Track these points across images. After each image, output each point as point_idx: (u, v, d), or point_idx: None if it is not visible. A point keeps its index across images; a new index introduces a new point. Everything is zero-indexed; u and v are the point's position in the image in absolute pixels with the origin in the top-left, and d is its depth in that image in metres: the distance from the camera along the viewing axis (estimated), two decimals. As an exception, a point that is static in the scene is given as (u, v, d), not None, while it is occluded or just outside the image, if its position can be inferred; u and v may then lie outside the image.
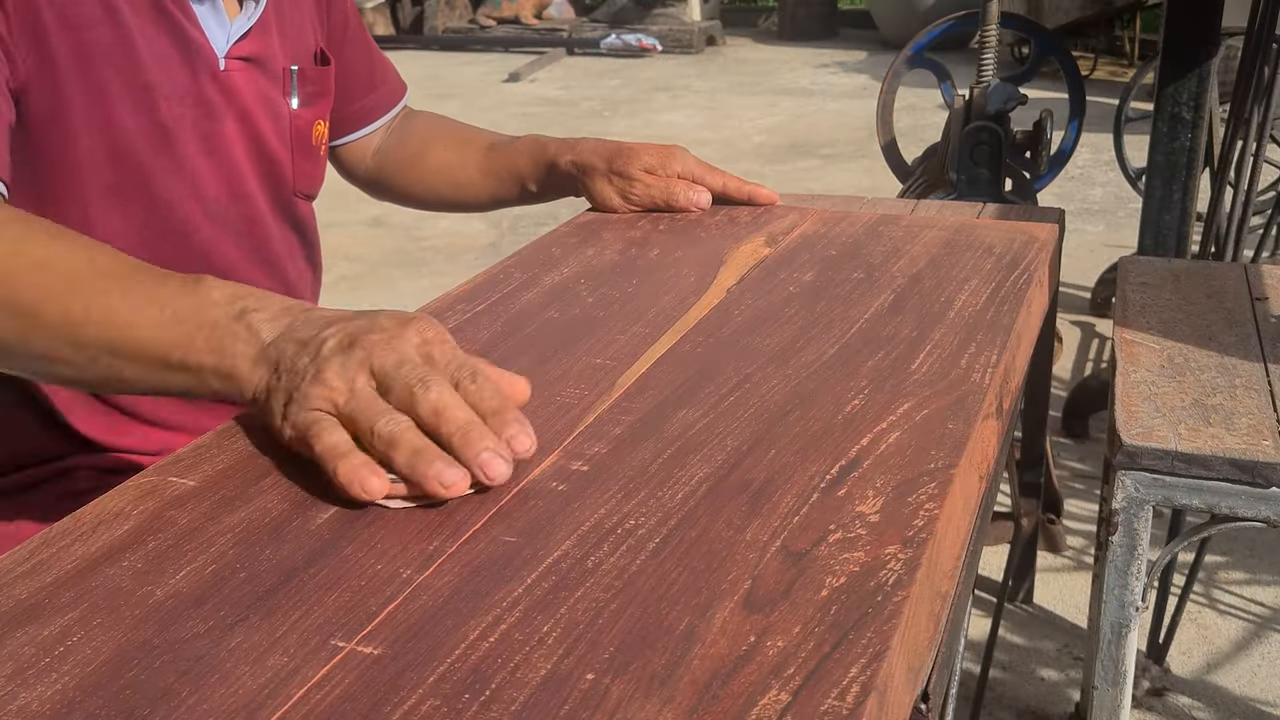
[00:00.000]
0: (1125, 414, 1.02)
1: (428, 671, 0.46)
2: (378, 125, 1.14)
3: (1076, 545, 1.91)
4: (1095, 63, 6.38)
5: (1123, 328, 1.19)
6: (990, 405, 0.70)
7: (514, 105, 5.97)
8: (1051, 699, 1.58)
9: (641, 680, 0.45)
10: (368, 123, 1.13)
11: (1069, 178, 4.15)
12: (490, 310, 0.85)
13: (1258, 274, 1.33)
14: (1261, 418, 1.00)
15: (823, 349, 0.77)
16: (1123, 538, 1.02)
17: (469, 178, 1.15)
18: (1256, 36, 1.86)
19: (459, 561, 0.53)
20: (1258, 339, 1.16)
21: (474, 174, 1.14)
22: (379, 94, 1.13)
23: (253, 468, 0.62)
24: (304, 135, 0.96)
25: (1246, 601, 1.77)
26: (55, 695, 0.45)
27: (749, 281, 0.90)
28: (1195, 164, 2.07)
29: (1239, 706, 1.54)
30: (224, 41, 0.87)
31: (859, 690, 0.44)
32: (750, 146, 4.97)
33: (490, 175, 1.14)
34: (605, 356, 0.76)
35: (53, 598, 0.51)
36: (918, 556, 0.53)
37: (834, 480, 0.60)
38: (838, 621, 0.48)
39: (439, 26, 8.37)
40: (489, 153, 1.14)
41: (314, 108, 0.97)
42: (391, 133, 1.16)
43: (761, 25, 8.70)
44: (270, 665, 0.46)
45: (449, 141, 1.16)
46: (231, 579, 0.52)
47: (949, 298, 0.86)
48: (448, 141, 1.16)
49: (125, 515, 0.58)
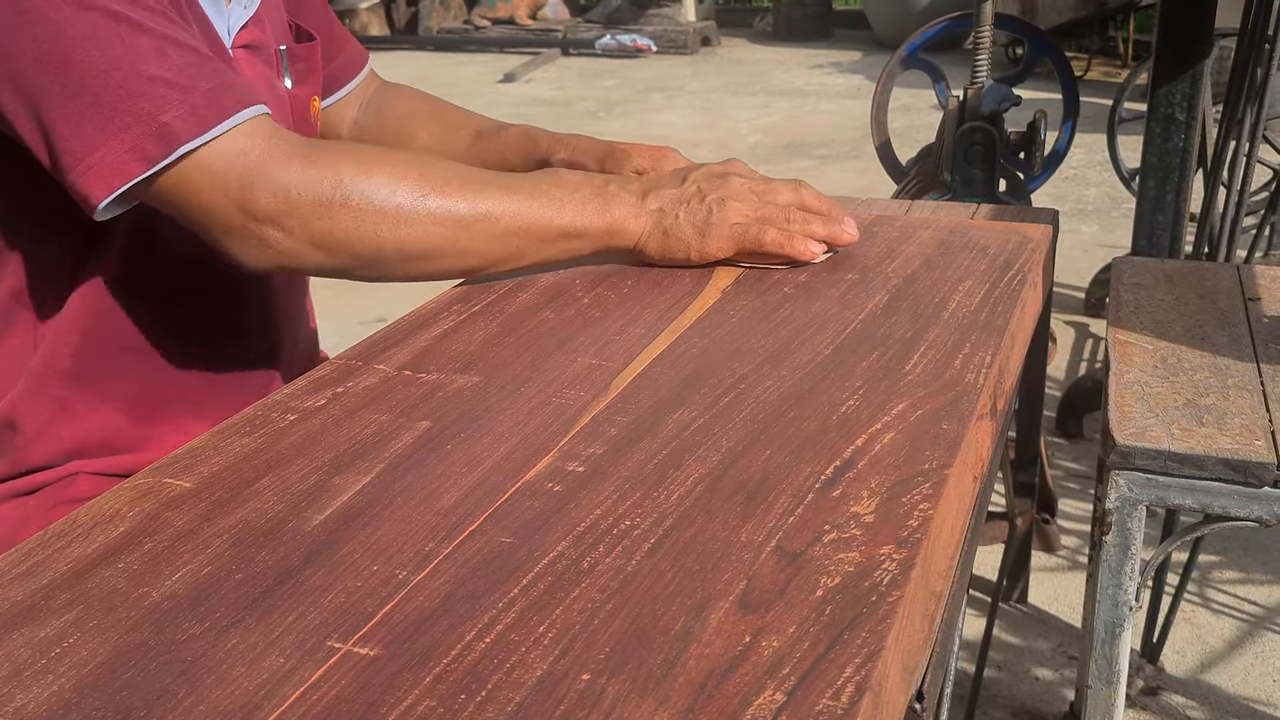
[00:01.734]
0: (1119, 414, 1.02)
1: (424, 672, 0.46)
2: (346, 91, 1.13)
3: (1071, 545, 1.91)
4: (1089, 63, 6.39)
5: (1116, 328, 1.19)
6: (984, 405, 0.70)
7: (509, 106, 5.97)
8: (1046, 698, 1.58)
9: (637, 680, 0.45)
10: (335, 90, 1.12)
11: (1063, 178, 4.15)
12: (486, 311, 0.85)
13: (1250, 274, 1.34)
14: (1254, 418, 1.01)
15: (818, 350, 0.77)
16: (1116, 537, 1.02)
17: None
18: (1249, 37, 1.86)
19: (455, 562, 0.53)
20: (1250, 339, 1.16)
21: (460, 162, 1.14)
22: (341, 59, 1.12)
23: (248, 469, 0.63)
24: (303, 113, 0.97)
25: (1240, 601, 1.77)
26: (52, 697, 0.45)
27: (744, 282, 0.90)
28: (1189, 164, 2.07)
29: (1232, 705, 1.55)
30: (226, 33, 0.88)
31: (854, 690, 0.44)
32: (745, 147, 4.97)
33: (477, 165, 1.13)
34: (601, 357, 0.77)
35: (49, 599, 0.52)
36: (912, 556, 0.53)
37: (829, 480, 0.60)
38: (832, 621, 0.48)
39: (434, 27, 8.37)
40: (476, 141, 1.12)
41: (307, 85, 0.98)
42: (368, 106, 1.15)
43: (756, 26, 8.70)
44: (267, 666, 0.47)
45: (432, 124, 1.15)
46: (228, 580, 0.52)
47: (943, 298, 0.86)
48: (430, 124, 1.15)
49: (121, 517, 0.58)
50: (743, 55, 7.67)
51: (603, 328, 0.82)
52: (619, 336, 0.80)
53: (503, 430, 0.66)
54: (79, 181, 0.74)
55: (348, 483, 0.61)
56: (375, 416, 0.69)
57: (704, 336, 0.80)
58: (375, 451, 0.64)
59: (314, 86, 0.99)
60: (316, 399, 0.71)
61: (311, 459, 0.64)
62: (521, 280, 0.92)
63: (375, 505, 0.59)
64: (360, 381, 0.74)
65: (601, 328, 0.82)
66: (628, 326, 0.82)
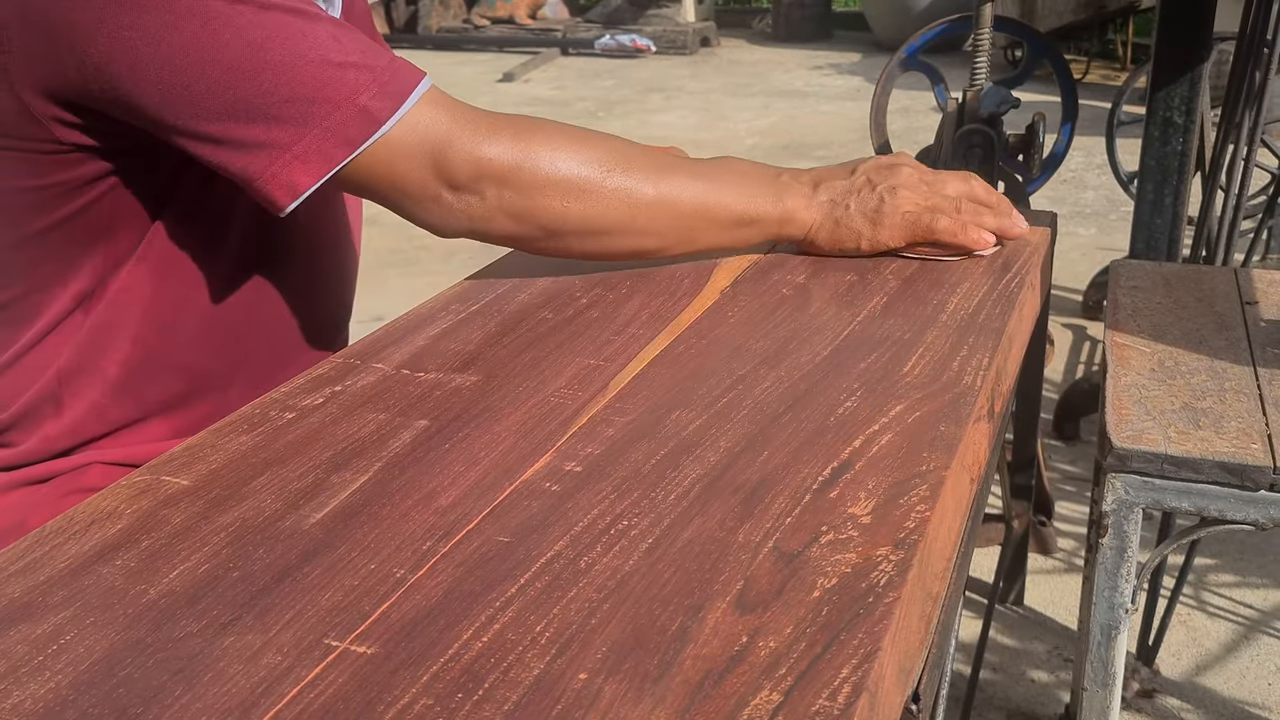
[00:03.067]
0: (1116, 417, 1.02)
1: (421, 671, 0.46)
2: None
3: (1067, 547, 1.91)
4: (1088, 66, 6.40)
5: (1114, 331, 1.20)
6: (982, 408, 0.70)
7: (508, 105, 5.97)
8: (1042, 700, 1.58)
9: (634, 680, 0.45)
10: None
11: (1061, 181, 4.16)
12: (484, 311, 0.85)
13: (1248, 278, 1.34)
14: (1250, 421, 1.01)
15: (816, 351, 0.77)
16: (1113, 540, 1.03)
17: None
18: (1248, 41, 1.87)
19: (452, 561, 0.53)
20: (1247, 343, 1.16)
21: None
22: None
23: (246, 467, 0.63)
24: None
25: (1235, 604, 1.78)
26: (48, 694, 0.45)
27: (743, 283, 0.90)
28: (1187, 168, 2.08)
29: (1228, 708, 1.55)
30: None
31: (850, 691, 0.44)
32: (744, 148, 4.97)
33: None
34: (599, 357, 0.77)
35: (46, 596, 0.52)
36: (909, 558, 0.53)
37: (826, 482, 0.60)
38: (829, 622, 0.48)
39: (433, 26, 8.37)
40: None
41: None
42: None
43: (756, 26, 8.70)
44: (264, 664, 0.47)
45: None
46: (225, 578, 0.52)
47: (941, 300, 0.86)
48: None
49: (118, 514, 0.58)
50: (742, 56, 7.67)
51: (601, 328, 0.82)
52: (617, 337, 0.80)
53: (501, 430, 0.66)
54: (280, 174, 0.75)
55: (345, 481, 0.61)
56: (373, 415, 0.69)
57: (702, 337, 0.80)
58: (373, 450, 0.64)
59: None
60: (315, 397, 0.71)
61: (309, 457, 0.64)
62: (520, 280, 0.92)
63: (373, 504, 0.59)
64: (359, 380, 0.74)
65: (600, 328, 0.82)
66: (626, 327, 0.82)
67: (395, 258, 3.61)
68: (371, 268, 3.52)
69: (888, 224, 0.91)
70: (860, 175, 0.92)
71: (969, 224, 0.92)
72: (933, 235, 0.91)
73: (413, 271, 3.48)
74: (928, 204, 0.92)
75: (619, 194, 0.83)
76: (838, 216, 0.91)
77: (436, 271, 3.44)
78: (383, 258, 3.60)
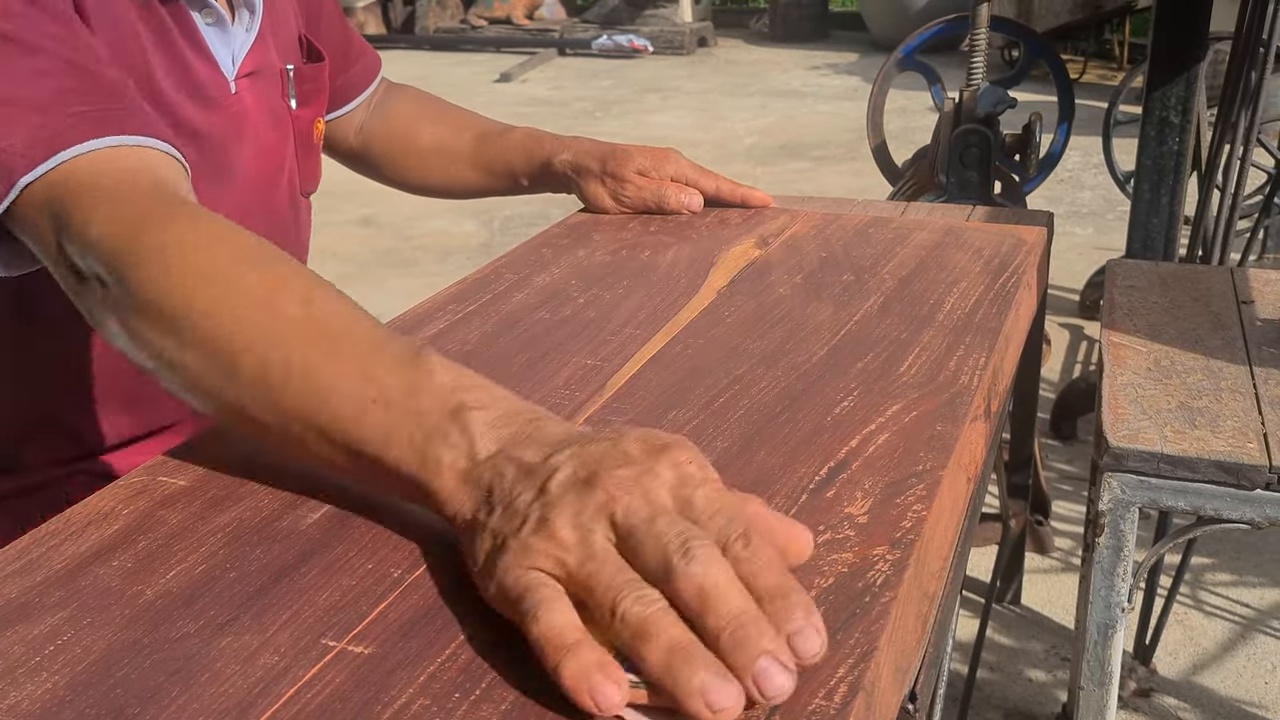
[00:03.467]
0: (1112, 416, 1.02)
1: (418, 670, 0.46)
2: (359, 101, 1.12)
3: (1064, 547, 1.91)
4: (1085, 66, 6.40)
5: (1110, 330, 1.20)
6: (978, 407, 0.70)
7: (505, 105, 5.97)
8: (1039, 699, 1.58)
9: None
10: (349, 99, 1.10)
11: (1058, 181, 4.16)
12: (481, 311, 0.85)
13: (1244, 277, 1.34)
14: (1246, 420, 1.01)
15: (812, 351, 0.77)
16: (1109, 539, 1.03)
17: (459, 171, 1.13)
18: (1244, 41, 1.87)
19: (450, 561, 0.53)
20: (1243, 342, 1.17)
21: (465, 168, 1.13)
22: (357, 69, 1.10)
23: (243, 467, 0.63)
24: (306, 135, 0.95)
25: (1232, 603, 1.78)
26: (45, 694, 0.45)
27: (740, 283, 0.90)
28: (1183, 168, 2.08)
29: (1224, 707, 1.55)
30: (231, 65, 0.85)
31: (846, 690, 0.44)
32: (741, 148, 4.97)
33: (480, 169, 1.12)
34: (596, 357, 0.77)
35: (43, 597, 0.51)
36: (905, 557, 0.53)
37: (823, 481, 0.60)
38: (826, 621, 0.48)
39: (430, 26, 8.36)
40: (480, 143, 1.12)
41: (312, 106, 0.96)
42: (374, 110, 1.14)
43: (753, 26, 8.70)
44: (261, 664, 0.47)
45: (437, 125, 1.14)
46: (222, 578, 0.52)
47: (938, 300, 0.86)
48: (435, 125, 1.14)
49: (115, 515, 0.58)
50: (739, 56, 7.67)
51: (598, 328, 0.82)
52: (614, 337, 0.80)
53: (498, 430, 0.66)
54: None
55: (343, 480, 0.61)
56: (370, 415, 0.68)
57: (699, 337, 0.80)
58: (370, 450, 0.64)
59: (319, 108, 0.98)
60: (311, 398, 0.71)
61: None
62: (517, 280, 0.92)
63: (370, 504, 0.59)
64: (355, 380, 0.74)
65: (597, 328, 0.82)
66: (623, 327, 0.82)
67: (392, 258, 3.61)
68: (368, 268, 3.52)
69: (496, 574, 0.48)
70: (545, 467, 0.50)
71: (600, 680, 0.42)
72: (520, 625, 0.46)
73: (410, 272, 3.48)
74: (587, 575, 0.46)
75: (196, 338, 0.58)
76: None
77: (433, 272, 3.44)
78: (379, 258, 3.60)
